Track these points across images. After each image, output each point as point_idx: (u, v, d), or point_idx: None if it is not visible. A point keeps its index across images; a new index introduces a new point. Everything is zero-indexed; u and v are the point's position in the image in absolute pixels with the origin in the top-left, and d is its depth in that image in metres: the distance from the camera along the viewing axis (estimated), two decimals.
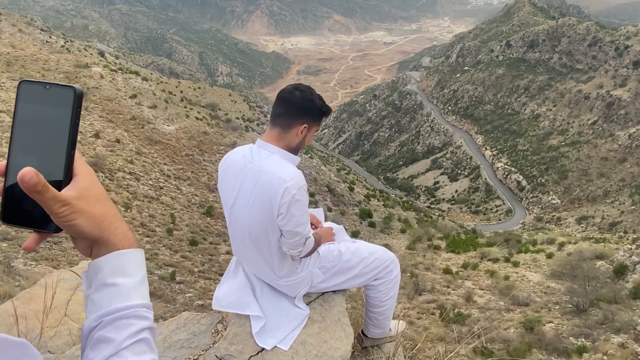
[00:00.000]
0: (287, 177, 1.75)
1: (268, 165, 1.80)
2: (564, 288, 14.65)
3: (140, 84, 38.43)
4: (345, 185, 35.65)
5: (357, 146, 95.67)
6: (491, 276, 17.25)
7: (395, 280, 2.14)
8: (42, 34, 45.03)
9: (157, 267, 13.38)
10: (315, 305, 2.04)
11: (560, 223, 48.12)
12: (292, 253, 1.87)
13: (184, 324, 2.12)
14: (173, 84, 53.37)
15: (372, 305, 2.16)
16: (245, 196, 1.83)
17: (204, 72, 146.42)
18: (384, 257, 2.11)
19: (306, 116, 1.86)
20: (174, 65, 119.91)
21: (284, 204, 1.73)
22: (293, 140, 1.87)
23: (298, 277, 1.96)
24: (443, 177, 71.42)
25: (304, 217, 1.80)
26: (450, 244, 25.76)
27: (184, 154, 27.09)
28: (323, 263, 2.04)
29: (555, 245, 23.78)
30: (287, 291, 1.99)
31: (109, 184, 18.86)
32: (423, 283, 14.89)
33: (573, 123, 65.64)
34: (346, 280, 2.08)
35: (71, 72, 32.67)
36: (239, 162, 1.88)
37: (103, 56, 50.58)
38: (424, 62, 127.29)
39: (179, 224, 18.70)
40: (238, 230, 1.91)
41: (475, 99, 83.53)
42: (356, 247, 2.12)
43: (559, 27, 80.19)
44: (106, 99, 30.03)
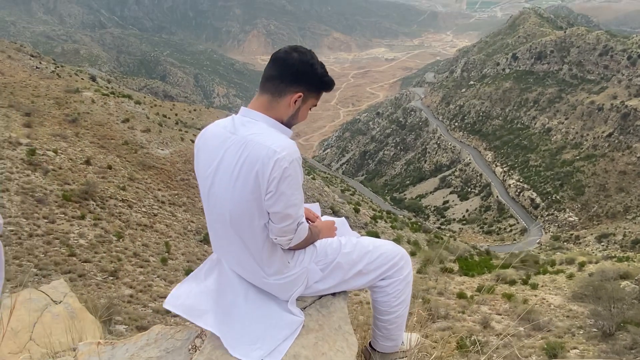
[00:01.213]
0: (277, 147, 1.53)
1: (254, 135, 1.57)
2: (588, 311, 14.32)
3: (133, 107, 38.77)
4: (351, 206, 35.49)
5: (361, 166, 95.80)
6: (508, 300, 16.93)
7: (406, 281, 1.87)
8: (32, 60, 45.71)
9: (151, 300, 13.16)
10: (312, 311, 1.79)
11: (579, 242, 47.61)
12: (281, 241, 1.64)
13: (155, 339, 1.87)
14: (167, 107, 53.88)
15: (380, 312, 1.89)
16: (227, 173, 1.59)
17: (199, 94, 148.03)
18: (392, 252, 1.85)
19: (302, 83, 1.65)
20: (168, 87, 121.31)
21: (273, 179, 1.51)
22: (285, 111, 1.66)
23: (290, 274, 1.71)
24: (452, 196, 71.19)
25: (297, 197, 1.57)
26: (464, 266, 25.45)
27: (179, 178, 27.09)
28: (320, 257, 1.78)
29: (575, 265, 23.44)
30: (278, 293, 1.73)
31: (100, 213, 18.77)
32: (436, 309, 14.59)
33: (587, 136, 65.64)
34: (348, 280, 1.81)
35: (61, 97, 33.00)
36: (219, 134, 1.65)
37: (94, 80, 51.21)
38: (427, 77, 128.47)
39: (174, 252, 18.52)
40: (217, 217, 1.67)
41: (483, 114, 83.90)
42: (359, 240, 1.88)
43: (567, 37, 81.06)
44: (97, 124, 30.23)
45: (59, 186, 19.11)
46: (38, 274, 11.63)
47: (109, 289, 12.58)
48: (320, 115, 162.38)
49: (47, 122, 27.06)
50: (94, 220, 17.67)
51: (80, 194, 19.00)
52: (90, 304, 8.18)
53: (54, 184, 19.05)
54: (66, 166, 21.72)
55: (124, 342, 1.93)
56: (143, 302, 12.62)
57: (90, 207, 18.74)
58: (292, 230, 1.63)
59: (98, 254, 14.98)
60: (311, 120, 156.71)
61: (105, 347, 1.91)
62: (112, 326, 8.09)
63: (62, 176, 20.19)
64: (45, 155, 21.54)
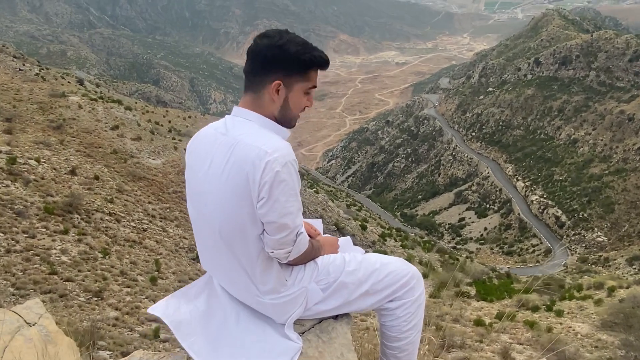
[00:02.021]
0: (269, 148, 1.49)
1: (245, 135, 1.55)
2: (618, 341, 14.15)
3: (123, 113, 39.03)
4: (357, 223, 35.40)
5: (369, 179, 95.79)
6: (531, 328, 16.75)
7: (418, 303, 1.81)
8: (14, 62, 46.21)
9: (138, 323, 13.09)
10: (311, 337, 1.74)
11: (608, 264, 47.22)
12: (279, 255, 1.59)
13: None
14: (160, 114, 54.25)
15: (389, 338, 1.83)
16: (216, 177, 1.56)
17: (195, 100, 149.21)
18: (402, 271, 1.79)
19: (277, 69, 1.59)
20: (162, 92, 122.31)
21: (265, 183, 1.46)
22: (271, 106, 1.62)
23: (288, 293, 1.65)
24: (469, 212, 70.94)
25: (293, 204, 1.52)
26: (482, 290, 25.25)
27: (171, 190, 27.16)
28: (321, 276, 1.72)
29: (605, 290, 23.23)
30: (273, 315, 1.67)
31: (85, 227, 18.79)
32: (451, 337, 14.43)
33: (617, 148, 65.48)
34: (352, 301, 1.75)
35: (46, 102, 33.29)
36: (210, 135, 1.63)
37: (82, 84, 51.66)
38: (442, 83, 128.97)
39: (165, 271, 18.47)
40: (206, 227, 1.62)
41: (503, 124, 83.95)
42: (365, 256, 1.82)
43: (594, 42, 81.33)
44: (84, 131, 30.43)
45: (41, 198, 19.18)
46: (15, 294, 11.60)
47: (93, 310, 12.53)
48: (324, 124, 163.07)
49: (29, 128, 27.27)
50: (78, 235, 17.68)
51: (64, 207, 19.04)
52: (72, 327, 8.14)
53: (35, 196, 19.11)
54: (49, 176, 21.82)
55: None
56: (129, 325, 12.56)
57: (74, 221, 18.77)
58: (291, 242, 1.58)
59: (82, 272, 14.96)
60: (315, 129, 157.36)
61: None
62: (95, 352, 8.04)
63: (44, 187, 20.27)
64: (27, 164, 21.65)
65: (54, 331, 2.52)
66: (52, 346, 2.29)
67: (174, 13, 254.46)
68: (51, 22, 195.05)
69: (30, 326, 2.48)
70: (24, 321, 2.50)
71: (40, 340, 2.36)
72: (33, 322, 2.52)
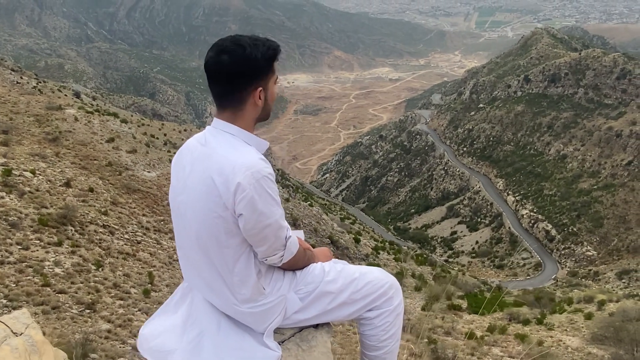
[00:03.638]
0: (243, 163, 1.49)
1: (220, 148, 1.55)
2: (608, 354, 14.14)
3: (119, 126, 38.99)
4: (350, 236, 35.32)
5: (362, 192, 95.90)
6: (522, 341, 16.73)
7: (396, 312, 1.82)
8: (12, 75, 46.16)
9: (131, 336, 12.93)
10: (290, 345, 1.73)
11: (598, 278, 47.31)
12: (273, 260, 1.61)
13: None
14: (156, 126, 54.18)
15: (368, 347, 1.83)
16: (192, 189, 1.57)
17: (190, 113, 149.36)
18: (380, 280, 1.81)
19: (253, 79, 1.59)
20: (158, 106, 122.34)
21: (241, 199, 1.47)
22: (253, 111, 1.63)
23: (266, 302, 1.65)
24: (461, 226, 71.07)
25: (274, 213, 1.53)
26: (473, 303, 25.22)
27: (165, 203, 27.02)
28: (300, 285, 1.73)
29: (595, 304, 23.28)
30: (252, 323, 1.67)
31: (79, 239, 18.61)
32: (443, 350, 14.37)
33: (605, 164, 66.01)
34: (331, 310, 1.75)
35: (42, 114, 33.18)
36: (191, 146, 1.64)
37: (79, 97, 51.62)
38: (434, 99, 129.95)
39: (158, 284, 18.30)
40: (185, 237, 1.63)
41: (493, 139, 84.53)
42: (343, 266, 1.82)
43: (582, 60, 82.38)
44: (80, 144, 30.31)
45: (35, 210, 19.01)
46: (8, 305, 11.44)
47: (85, 322, 12.37)
48: (319, 138, 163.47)
49: (25, 140, 27.14)
50: (72, 247, 17.51)
51: (58, 219, 18.88)
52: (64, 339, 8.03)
53: (29, 207, 18.95)
54: (44, 188, 21.67)
55: None
56: (122, 338, 12.40)
57: (68, 232, 18.60)
58: (281, 247, 1.60)
59: (75, 284, 14.79)
60: (309, 143, 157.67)
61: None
62: None
63: (39, 199, 20.11)
64: (22, 176, 21.51)
65: (40, 341, 2.49)
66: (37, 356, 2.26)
67: (171, 28, 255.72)
68: (49, 36, 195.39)
69: (16, 336, 2.44)
70: (10, 331, 2.46)
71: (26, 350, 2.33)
72: (20, 332, 2.48)
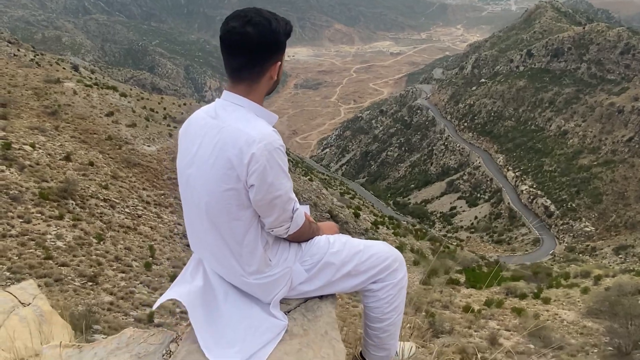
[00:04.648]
0: (257, 135, 1.51)
1: (233, 120, 1.56)
2: (603, 328, 14.36)
3: (118, 100, 38.75)
4: (350, 211, 35.48)
5: (362, 167, 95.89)
6: (518, 315, 16.97)
7: (400, 285, 1.85)
8: (9, 47, 45.63)
9: (133, 308, 13.12)
10: (296, 315, 1.77)
11: (595, 254, 47.71)
12: (279, 232, 1.65)
13: (127, 343, 1.87)
14: (155, 100, 53.80)
15: (371, 319, 1.87)
16: (203, 161, 1.58)
17: (190, 87, 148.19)
18: (385, 254, 1.83)
19: (275, 54, 1.61)
20: (157, 79, 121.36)
21: (254, 171, 1.49)
22: (266, 86, 1.65)
23: (272, 273, 1.69)
24: (460, 201, 71.29)
25: (283, 186, 1.56)
26: (471, 278, 25.49)
27: (166, 177, 27.07)
28: (306, 257, 1.76)
29: (591, 278, 23.53)
30: (259, 294, 1.71)
31: (80, 213, 18.72)
32: (440, 323, 14.58)
33: (606, 140, 65.82)
34: (335, 282, 1.79)
35: (41, 88, 32.95)
36: (200, 119, 1.65)
37: (77, 70, 51.16)
38: (435, 74, 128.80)
39: (159, 257, 18.47)
40: (194, 210, 1.65)
41: (494, 114, 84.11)
42: (348, 239, 1.85)
43: (586, 34, 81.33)
44: (79, 118, 30.19)
45: (36, 183, 19.06)
46: (11, 278, 11.57)
47: (88, 295, 12.54)
48: (319, 112, 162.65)
49: (24, 114, 27.02)
50: (73, 220, 17.62)
51: (59, 192, 18.95)
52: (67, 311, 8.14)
53: (30, 181, 19.00)
54: (44, 162, 21.68)
55: (92, 346, 1.92)
56: (124, 310, 12.59)
57: (69, 206, 18.70)
58: (288, 219, 1.63)
59: (76, 257, 14.94)
60: (309, 118, 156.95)
61: (72, 350, 1.90)
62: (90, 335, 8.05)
63: (39, 173, 20.15)
64: (22, 149, 21.49)
65: (48, 312, 2.54)
66: (46, 326, 2.31)
67: (169, 0, 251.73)
68: (46, 7, 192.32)
69: (24, 306, 2.49)
70: (18, 301, 2.52)
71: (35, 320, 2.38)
72: (27, 303, 2.53)
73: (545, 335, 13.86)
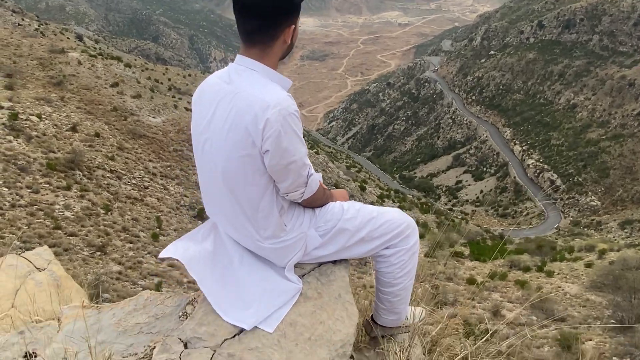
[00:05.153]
0: (272, 100, 1.51)
1: (247, 85, 1.56)
2: (606, 301, 14.48)
3: (123, 71, 38.56)
4: (356, 184, 35.58)
5: (369, 141, 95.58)
6: (522, 287, 17.11)
7: (412, 251, 1.88)
8: (13, 16, 45.29)
9: (141, 277, 13.36)
10: (310, 279, 1.81)
11: (600, 228, 47.71)
12: (294, 197, 1.67)
13: (144, 305, 1.92)
14: (160, 71, 53.51)
15: (383, 284, 1.91)
16: (219, 125, 1.58)
17: (195, 58, 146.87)
18: (398, 220, 1.85)
19: (290, 17, 1.59)
20: (161, 50, 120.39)
21: (269, 137, 1.50)
22: (280, 50, 1.65)
23: (287, 238, 1.71)
24: (466, 175, 71.15)
25: (298, 151, 1.57)
26: (475, 251, 25.62)
27: (171, 149, 27.15)
28: (320, 223, 1.79)
29: (595, 252, 23.55)
30: (274, 258, 1.75)
31: (87, 184, 18.88)
32: (444, 295, 14.77)
33: (615, 114, 65.07)
34: (349, 247, 1.82)
35: (46, 58, 32.82)
36: (214, 84, 1.65)
37: (81, 40, 50.83)
38: (444, 45, 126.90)
39: (166, 228, 18.70)
40: (210, 175, 1.67)
41: (503, 87, 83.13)
42: (362, 205, 1.88)
43: (599, 5, 79.50)
44: (84, 88, 30.14)
45: (43, 154, 19.20)
46: (22, 247, 11.78)
47: (96, 264, 12.76)
48: (326, 85, 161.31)
49: (30, 84, 27.01)
50: (81, 191, 17.80)
51: (66, 163, 19.09)
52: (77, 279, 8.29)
53: (37, 152, 19.13)
54: (51, 133, 21.78)
55: (110, 307, 1.99)
56: (132, 279, 12.82)
57: (76, 177, 18.86)
58: (303, 184, 1.65)
59: (85, 227, 15.15)
60: (316, 90, 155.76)
61: (91, 311, 1.97)
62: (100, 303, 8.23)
63: (46, 143, 20.26)
64: (29, 120, 21.57)
65: (63, 276, 2.62)
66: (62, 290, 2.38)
67: None
68: None
69: (39, 271, 2.57)
70: (33, 266, 2.59)
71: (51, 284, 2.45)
72: (42, 268, 2.60)
73: (547, 307, 14.01)
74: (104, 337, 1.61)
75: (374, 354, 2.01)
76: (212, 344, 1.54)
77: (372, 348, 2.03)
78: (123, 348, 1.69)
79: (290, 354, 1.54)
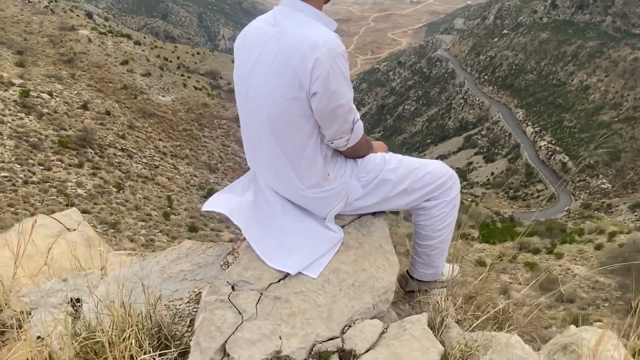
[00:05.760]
0: (319, 40, 1.47)
1: (294, 26, 1.53)
2: (615, 283, 14.48)
3: (133, 48, 38.48)
4: None
5: (378, 121, 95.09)
6: (531, 269, 17.14)
7: (453, 203, 1.86)
8: None
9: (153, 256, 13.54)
10: (351, 230, 1.83)
11: (611, 211, 47.47)
12: (338, 144, 1.66)
13: (187, 254, 1.98)
14: (169, 49, 53.33)
15: (422, 237, 1.90)
16: (265, 69, 1.55)
17: (203, 36, 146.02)
18: (440, 171, 1.83)
19: None
20: (170, 27, 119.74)
21: (317, 78, 1.47)
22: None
23: (330, 187, 1.71)
24: (477, 157, 70.77)
25: (346, 93, 1.55)
26: (485, 233, 25.64)
27: (181, 128, 27.22)
28: (362, 173, 1.79)
29: (605, 235, 23.45)
30: (316, 208, 1.75)
31: (99, 162, 19.05)
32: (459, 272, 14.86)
33: (628, 96, 64.13)
34: (390, 198, 1.81)
35: (56, 35, 32.80)
36: (258, 27, 1.62)
37: (91, 18, 50.63)
38: (456, 24, 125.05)
39: (177, 207, 18.87)
40: (254, 120, 1.65)
41: (516, 68, 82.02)
42: (404, 157, 1.88)
43: None
44: (95, 66, 30.16)
45: (55, 131, 19.34)
46: None
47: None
48: None
49: (40, 61, 27.06)
50: (93, 169, 17.96)
51: (77, 141, 19.24)
52: None
53: (49, 129, 19.27)
54: (62, 110, 21.89)
55: (154, 255, 2.05)
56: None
57: (88, 155, 19.02)
58: (348, 130, 1.64)
59: (97, 204, 15.32)
60: None
61: (135, 258, 2.03)
62: None
63: (57, 121, 20.39)
64: (40, 97, 21.68)
65: (93, 237, 2.68)
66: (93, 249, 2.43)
67: None
68: None
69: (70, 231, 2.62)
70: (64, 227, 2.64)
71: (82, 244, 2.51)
72: (73, 228, 2.66)
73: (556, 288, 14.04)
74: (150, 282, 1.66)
75: (409, 307, 2.03)
76: (258, 287, 1.59)
77: (407, 302, 2.05)
78: (169, 293, 1.75)
79: (334, 298, 1.59)
